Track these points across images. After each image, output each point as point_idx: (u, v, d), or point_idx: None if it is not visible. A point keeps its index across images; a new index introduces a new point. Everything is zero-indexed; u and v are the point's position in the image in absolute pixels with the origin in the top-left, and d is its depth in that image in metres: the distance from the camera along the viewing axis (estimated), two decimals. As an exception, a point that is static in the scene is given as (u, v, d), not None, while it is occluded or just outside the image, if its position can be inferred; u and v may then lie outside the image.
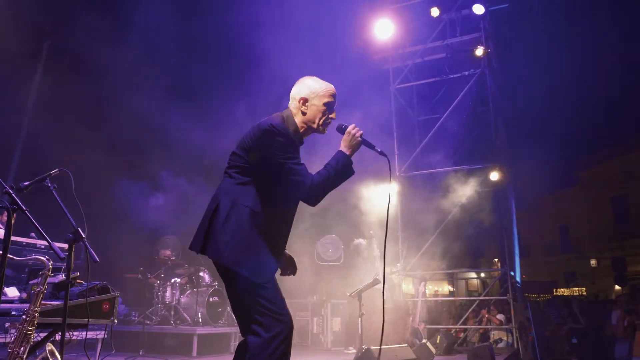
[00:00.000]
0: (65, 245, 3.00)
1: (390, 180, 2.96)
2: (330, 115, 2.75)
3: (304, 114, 2.72)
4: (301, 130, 2.74)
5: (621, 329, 9.08)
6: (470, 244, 10.52)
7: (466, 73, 10.42)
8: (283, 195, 2.61)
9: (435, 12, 10.53)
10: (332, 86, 2.80)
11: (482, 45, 10.16)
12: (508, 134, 13.13)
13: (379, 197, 9.54)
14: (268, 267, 2.52)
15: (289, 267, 2.93)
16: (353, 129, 2.65)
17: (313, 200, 2.56)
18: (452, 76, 10.75)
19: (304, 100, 2.72)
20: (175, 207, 8.49)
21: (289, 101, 2.81)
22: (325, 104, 2.72)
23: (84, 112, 8.17)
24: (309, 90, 2.73)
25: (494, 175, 9.80)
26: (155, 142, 8.99)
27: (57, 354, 2.88)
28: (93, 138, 7.99)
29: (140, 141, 8.87)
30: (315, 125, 2.74)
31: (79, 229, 2.97)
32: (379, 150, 2.72)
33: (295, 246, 7.58)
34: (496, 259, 13.33)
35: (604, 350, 9.83)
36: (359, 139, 2.65)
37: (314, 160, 3.22)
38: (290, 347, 2.47)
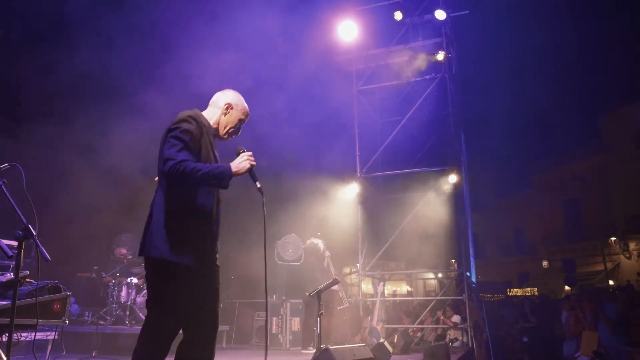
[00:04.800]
0: (14, 243, 2.89)
1: (265, 221, 2.86)
2: (238, 131, 3.03)
3: (223, 116, 2.97)
4: (214, 126, 2.95)
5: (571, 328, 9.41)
6: (428, 244, 10.72)
7: (427, 77, 10.62)
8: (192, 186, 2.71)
9: (398, 15, 10.69)
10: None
11: (443, 50, 10.38)
12: (466, 138, 13.48)
13: (339, 198, 9.58)
14: (198, 255, 2.65)
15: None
16: (250, 156, 2.77)
17: (171, 176, 2.56)
18: (414, 80, 10.93)
19: (229, 106, 2.97)
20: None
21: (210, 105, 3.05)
22: (239, 120, 3.00)
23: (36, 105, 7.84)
24: (233, 102, 2.99)
25: (452, 178, 10.03)
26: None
27: (3, 356, 2.77)
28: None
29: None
30: (224, 130, 2.97)
31: (30, 226, 2.86)
32: (259, 186, 2.82)
33: (255, 245, 7.53)
34: (453, 260, 13.62)
35: (553, 348, 10.19)
36: (248, 165, 2.74)
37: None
38: (214, 348, 2.71)
